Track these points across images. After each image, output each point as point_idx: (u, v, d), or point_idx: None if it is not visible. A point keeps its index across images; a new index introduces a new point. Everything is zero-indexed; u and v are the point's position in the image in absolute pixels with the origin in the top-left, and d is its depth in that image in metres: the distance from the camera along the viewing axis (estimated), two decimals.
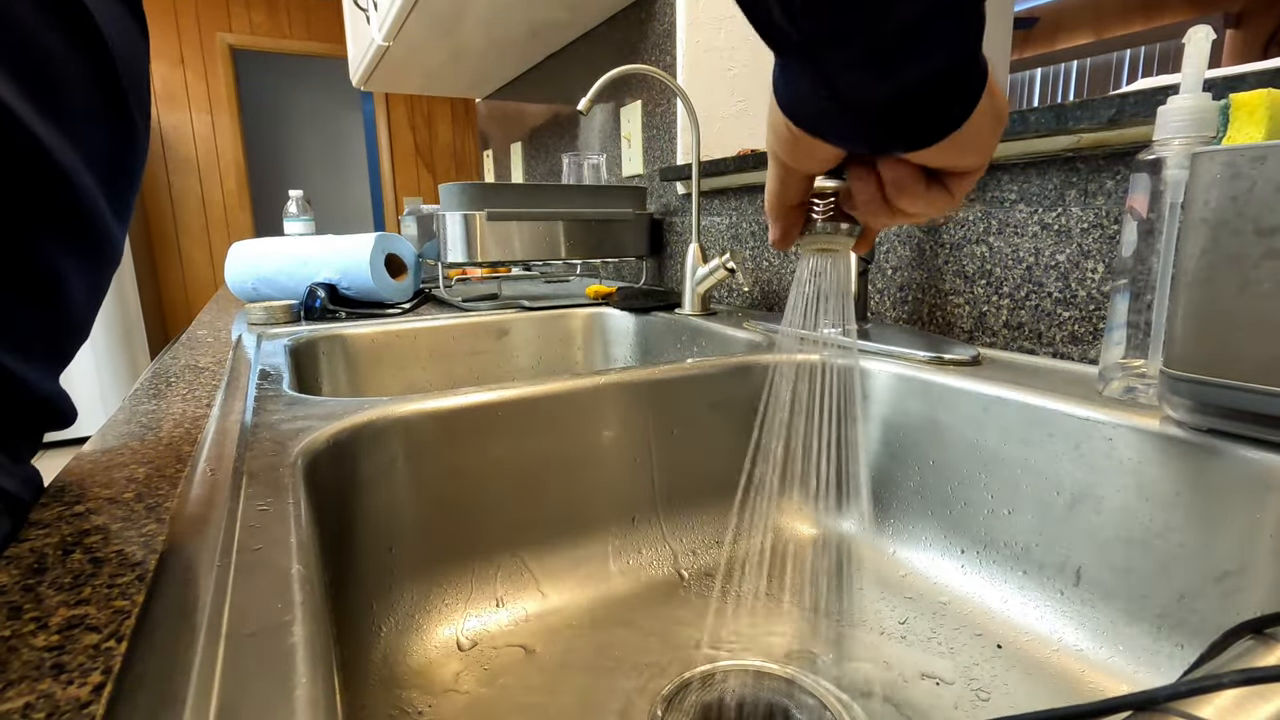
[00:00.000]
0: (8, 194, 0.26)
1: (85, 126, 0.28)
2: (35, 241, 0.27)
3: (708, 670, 0.44)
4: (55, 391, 0.31)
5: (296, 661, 0.19)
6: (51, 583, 0.24)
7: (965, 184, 0.28)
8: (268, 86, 5.18)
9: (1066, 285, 0.56)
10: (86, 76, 0.28)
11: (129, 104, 0.31)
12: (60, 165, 0.27)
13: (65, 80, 0.27)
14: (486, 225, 0.98)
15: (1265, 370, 0.32)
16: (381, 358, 0.85)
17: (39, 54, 0.26)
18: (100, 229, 0.30)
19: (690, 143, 1.08)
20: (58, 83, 0.27)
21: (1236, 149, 0.33)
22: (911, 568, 0.53)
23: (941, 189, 0.28)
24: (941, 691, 0.41)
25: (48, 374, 0.30)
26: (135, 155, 0.33)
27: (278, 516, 0.29)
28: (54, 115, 0.27)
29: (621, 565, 0.54)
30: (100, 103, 0.29)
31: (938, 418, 0.53)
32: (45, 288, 0.28)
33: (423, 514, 0.47)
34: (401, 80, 2.00)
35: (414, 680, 0.42)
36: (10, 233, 0.26)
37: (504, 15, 1.36)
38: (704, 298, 0.88)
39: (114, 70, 0.30)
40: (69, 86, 0.27)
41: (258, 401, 0.47)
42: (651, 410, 0.56)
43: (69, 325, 0.31)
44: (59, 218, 0.28)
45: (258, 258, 0.96)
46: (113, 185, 0.31)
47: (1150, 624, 0.40)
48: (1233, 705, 0.19)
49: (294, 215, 1.61)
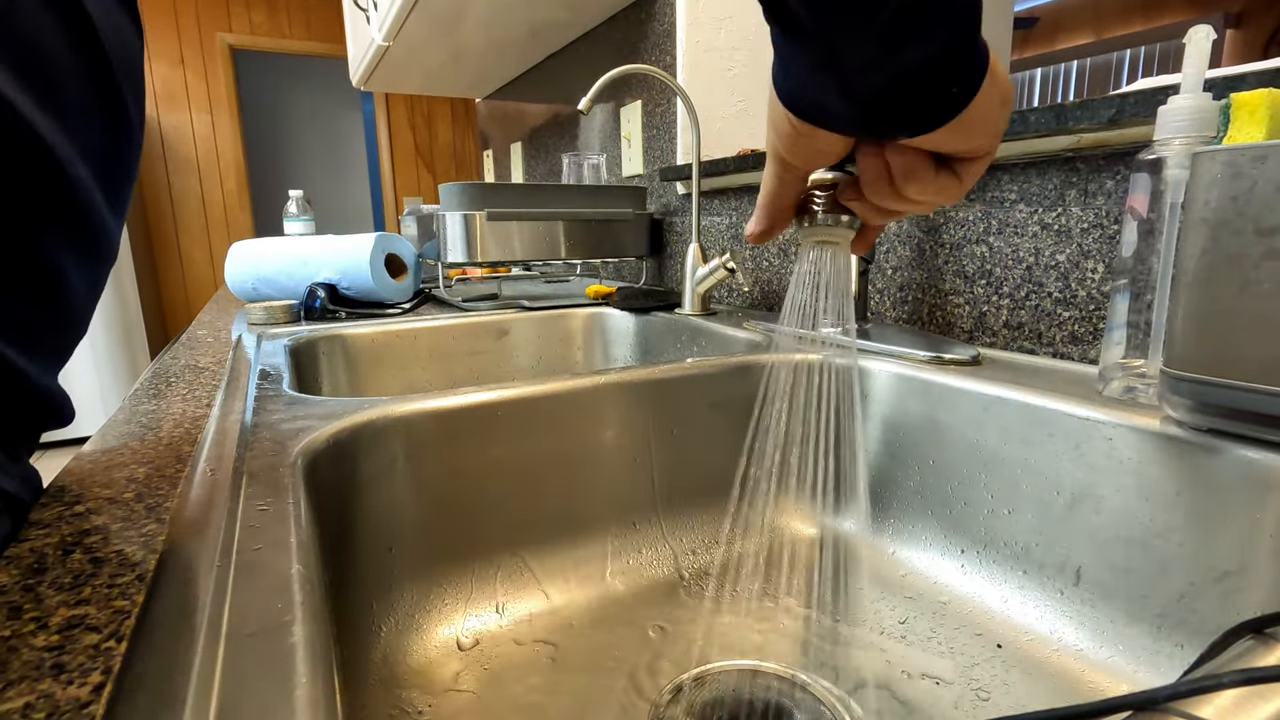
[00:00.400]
0: (7, 187, 0.26)
1: (81, 121, 0.29)
2: (33, 235, 0.27)
3: (708, 670, 0.44)
4: (54, 387, 0.31)
5: (296, 661, 0.19)
6: (51, 583, 0.24)
7: (974, 170, 0.28)
8: (268, 86, 5.18)
9: (1066, 285, 0.56)
10: (82, 71, 0.28)
11: (124, 98, 0.31)
12: (58, 158, 0.27)
13: (62, 74, 0.27)
14: (486, 225, 0.98)
15: (1265, 370, 0.32)
16: (381, 358, 0.85)
17: (37, 48, 0.26)
18: (96, 222, 0.30)
19: (690, 143, 1.08)
20: (55, 77, 0.27)
21: (1237, 149, 0.33)
22: (911, 568, 0.53)
23: (950, 175, 0.28)
24: (941, 691, 0.41)
25: (46, 370, 0.30)
26: (130, 149, 0.33)
27: (278, 516, 0.29)
28: (52, 109, 0.27)
29: (621, 565, 0.54)
30: (95, 97, 0.29)
31: (938, 418, 0.53)
32: (43, 281, 0.28)
33: (423, 514, 0.47)
34: (401, 80, 2.00)
35: (414, 680, 0.42)
36: (9, 225, 0.26)
37: (504, 15, 1.36)
38: (704, 298, 0.88)
39: (109, 64, 0.30)
40: (65, 81, 0.28)
41: (258, 401, 0.47)
42: (651, 410, 0.56)
43: (68, 320, 0.31)
44: (56, 211, 0.28)
45: (258, 258, 0.96)
46: (108, 179, 0.31)
47: (1150, 624, 0.40)
48: (1233, 705, 0.19)
49: (294, 215, 1.61)
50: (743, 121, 1.14)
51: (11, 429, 0.29)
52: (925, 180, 0.27)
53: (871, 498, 0.59)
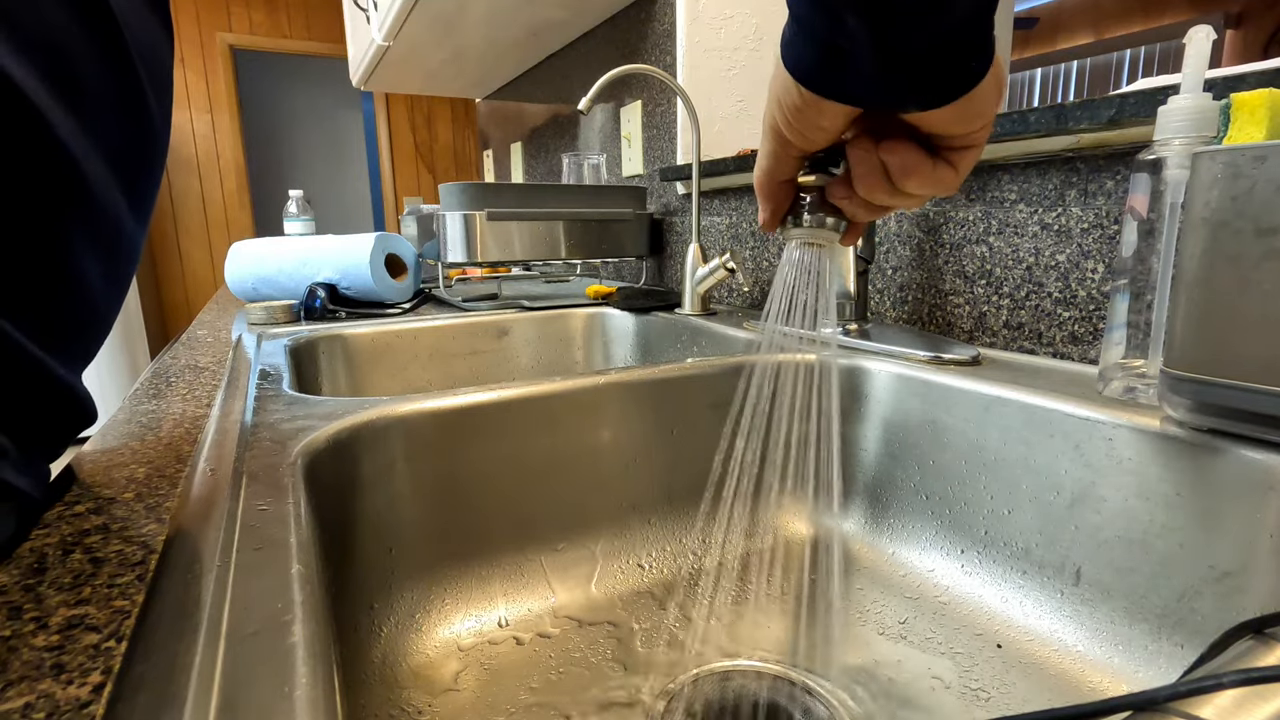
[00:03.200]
0: (31, 185, 0.26)
1: (107, 126, 0.29)
2: (55, 233, 0.27)
3: (709, 670, 0.44)
4: (77, 385, 0.31)
5: (296, 661, 0.19)
6: (51, 583, 0.24)
7: (968, 159, 0.28)
8: (268, 86, 5.18)
9: (1066, 285, 0.56)
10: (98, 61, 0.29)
11: (149, 105, 0.31)
12: (77, 160, 0.27)
13: (89, 79, 0.28)
14: (486, 225, 0.98)
15: (1265, 370, 0.32)
16: (381, 358, 0.85)
17: (65, 51, 0.26)
18: (114, 220, 0.30)
19: (690, 143, 1.08)
20: (82, 83, 0.27)
21: (1237, 149, 0.33)
22: (911, 568, 0.53)
23: (947, 166, 0.28)
24: (941, 691, 0.41)
25: (68, 367, 0.30)
26: (154, 151, 0.33)
27: (278, 516, 0.29)
28: (78, 115, 0.27)
29: (621, 565, 0.54)
30: (122, 104, 0.30)
31: (938, 418, 0.53)
32: (60, 277, 0.28)
33: (423, 514, 0.47)
34: (401, 80, 2.00)
35: (414, 680, 0.42)
36: (24, 220, 0.26)
37: (504, 15, 1.36)
38: (704, 298, 0.88)
39: (135, 70, 0.30)
40: (92, 86, 0.28)
41: (258, 401, 0.47)
42: (651, 410, 0.56)
43: (89, 318, 0.31)
44: (73, 207, 0.28)
45: (258, 258, 0.96)
46: (128, 179, 0.31)
47: (1150, 624, 0.40)
48: (1233, 705, 0.19)
49: (294, 215, 1.61)
50: (743, 121, 1.14)
51: (32, 425, 0.29)
52: (923, 173, 0.27)
53: (871, 498, 0.59)
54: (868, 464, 0.59)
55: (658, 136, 1.21)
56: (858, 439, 0.59)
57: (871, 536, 0.58)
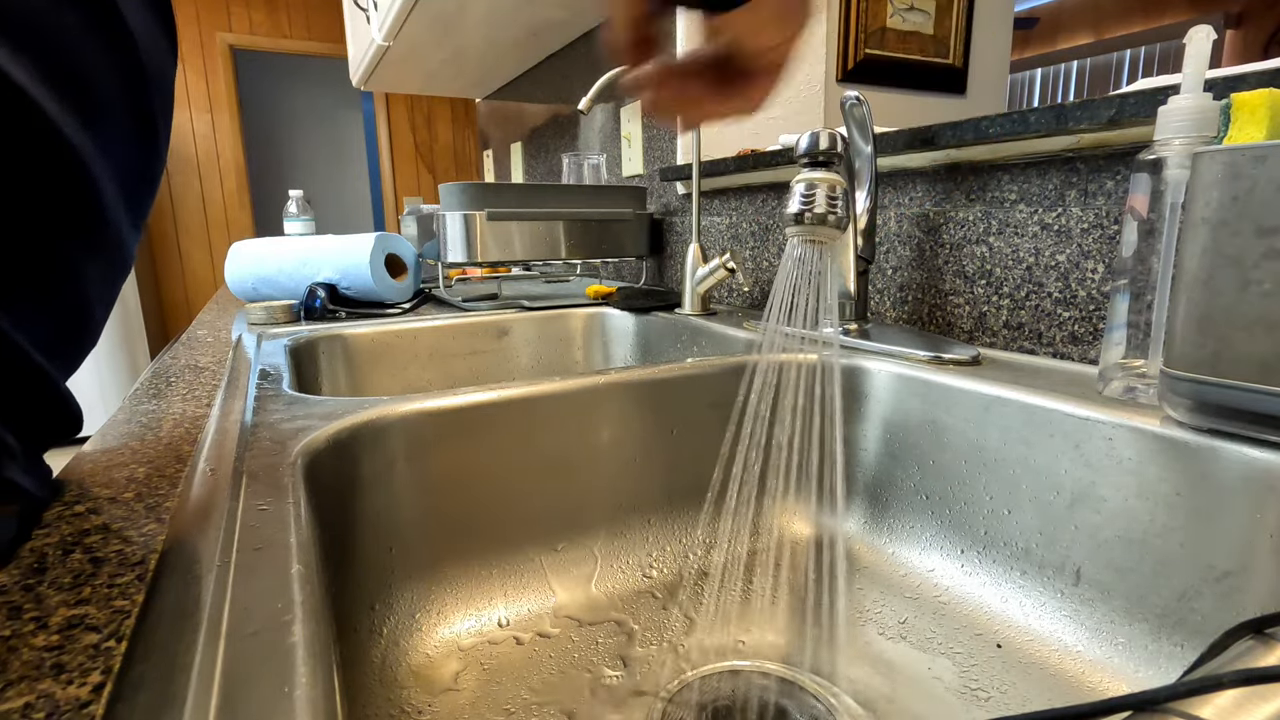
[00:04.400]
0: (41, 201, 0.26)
1: (114, 139, 0.29)
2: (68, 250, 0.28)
3: (709, 670, 0.44)
4: (69, 394, 0.31)
5: (296, 661, 0.19)
6: (51, 583, 0.24)
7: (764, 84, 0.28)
8: (268, 86, 5.18)
9: (1066, 285, 0.56)
10: (120, 89, 0.29)
11: (156, 119, 0.32)
12: (92, 176, 0.28)
13: (101, 93, 0.28)
14: (486, 225, 0.98)
15: (1265, 370, 0.32)
16: (381, 358, 0.85)
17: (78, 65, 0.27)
18: (117, 237, 0.31)
19: (690, 143, 1.08)
20: (95, 96, 0.28)
21: (1237, 149, 0.33)
22: (911, 568, 0.53)
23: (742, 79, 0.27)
24: (941, 691, 0.41)
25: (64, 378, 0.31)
26: (156, 168, 0.34)
27: (278, 516, 0.29)
28: (88, 127, 0.27)
29: (621, 564, 0.54)
30: (130, 117, 0.30)
31: (938, 418, 0.53)
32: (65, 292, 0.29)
33: (423, 513, 0.47)
34: (401, 80, 2.00)
35: (414, 680, 0.42)
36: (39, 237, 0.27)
37: (504, 15, 1.36)
38: (704, 298, 0.88)
39: (146, 86, 0.30)
40: (104, 99, 0.28)
41: (258, 401, 0.47)
42: (651, 410, 0.56)
43: (85, 330, 0.31)
44: (84, 226, 0.29)
45: (258, 258, 0.96)
46: (133, 197, 0.32)
47: (1150, 624, 0.40)
48: (1233, 705, 0.19)
49: (294, 215, 1.61)
50: (742, 121, 1.14)
51: (33, 429, 0.30)
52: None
53: (871, 497, 0.59)
54: (868, 464, 0.59)
55: (658, 136, 1.21)
56: (858, 439, 0.59)
57: (871, 536, 0.58)
